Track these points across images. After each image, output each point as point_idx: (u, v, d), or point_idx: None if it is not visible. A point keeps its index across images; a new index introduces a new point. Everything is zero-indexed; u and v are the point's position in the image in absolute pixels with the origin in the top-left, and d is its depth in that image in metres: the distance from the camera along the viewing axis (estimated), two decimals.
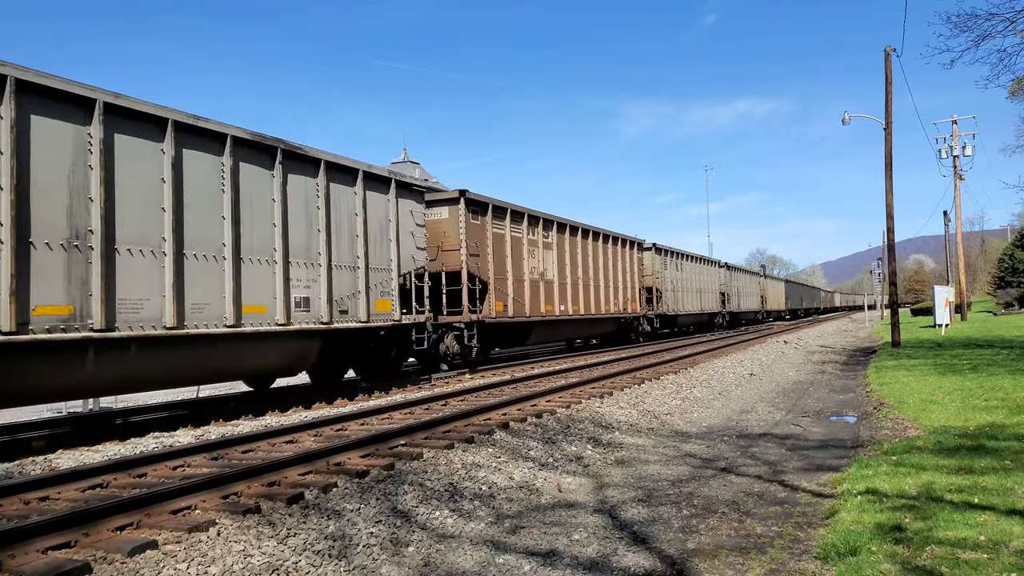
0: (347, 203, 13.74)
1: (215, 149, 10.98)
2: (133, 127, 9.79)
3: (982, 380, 12.94)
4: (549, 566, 4.90)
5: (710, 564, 4.82)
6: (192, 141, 10.56)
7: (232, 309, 10.96)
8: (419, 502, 6.24)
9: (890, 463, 7.06)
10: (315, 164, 12.97)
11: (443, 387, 15.01)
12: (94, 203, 9.15)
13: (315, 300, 12.78)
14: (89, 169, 9.14)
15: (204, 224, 10.72)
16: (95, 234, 9.12)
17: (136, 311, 9.62)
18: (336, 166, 13.45)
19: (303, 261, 12.59)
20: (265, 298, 11.70)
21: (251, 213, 11.57)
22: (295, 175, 12.50)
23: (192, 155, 10.56)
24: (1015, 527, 4.85)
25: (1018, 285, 60.90)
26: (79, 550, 4.82)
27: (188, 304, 10.33)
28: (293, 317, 12.21)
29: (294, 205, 12.43)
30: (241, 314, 11.15)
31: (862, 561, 4.45)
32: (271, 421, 11.06)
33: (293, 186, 12.44)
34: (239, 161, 11.35)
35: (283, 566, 4.74)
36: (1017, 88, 21.23)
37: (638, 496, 6.69)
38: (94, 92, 9.18)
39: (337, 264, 13.33)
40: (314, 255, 12.86)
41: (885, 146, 24.19)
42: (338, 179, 13.54)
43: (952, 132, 45.42)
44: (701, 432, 10.22)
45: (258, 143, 11.72)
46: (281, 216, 12.07)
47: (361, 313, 13.85)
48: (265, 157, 11.92)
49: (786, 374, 17.92)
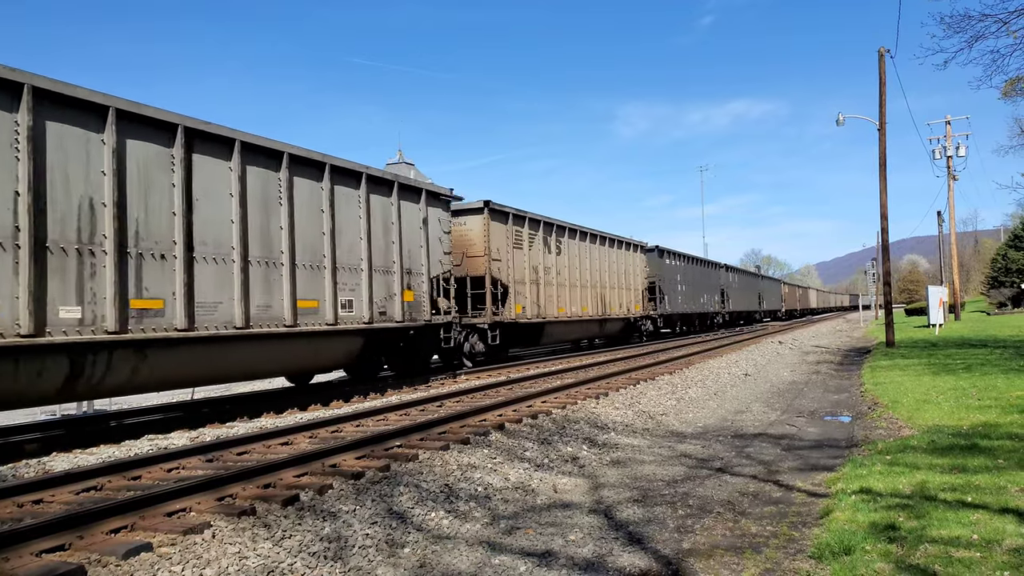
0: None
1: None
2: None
3: (976, 380, 12.99)
4: (545, 567, 4.90)
5: (705, 564, 4.83)
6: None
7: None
8: (415, 503, 6.24)
9: (884, 462, 7.08)
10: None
11: (439, 388, 15.00)
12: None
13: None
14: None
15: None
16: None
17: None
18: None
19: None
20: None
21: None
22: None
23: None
24: (1008, 525, 4.87)
25: (1011, 285, 61.15)
26: (73, 553, 4.81)
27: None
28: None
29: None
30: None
31: (856, 560, 4.47)
32: (266, 423, 11.04)
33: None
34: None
35: (278, 568, 4.73)
36: (1010, 89, 21.29)
37: (634, 496, 6.70)
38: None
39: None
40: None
41: (879, 147, 24.28)
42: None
43: (946, 133, 45.59)
44: (696, 432, 10.24)
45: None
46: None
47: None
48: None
49: (781, 374, 17.96)
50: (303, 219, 12.64)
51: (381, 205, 14.72)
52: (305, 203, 12.73)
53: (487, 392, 13.52)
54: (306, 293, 12.58)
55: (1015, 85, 20.45)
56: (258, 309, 11.53)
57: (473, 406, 11.02)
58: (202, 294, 10.62)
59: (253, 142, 11.61)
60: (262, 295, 11.66)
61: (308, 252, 12.72)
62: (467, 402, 12.16)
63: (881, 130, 24.27)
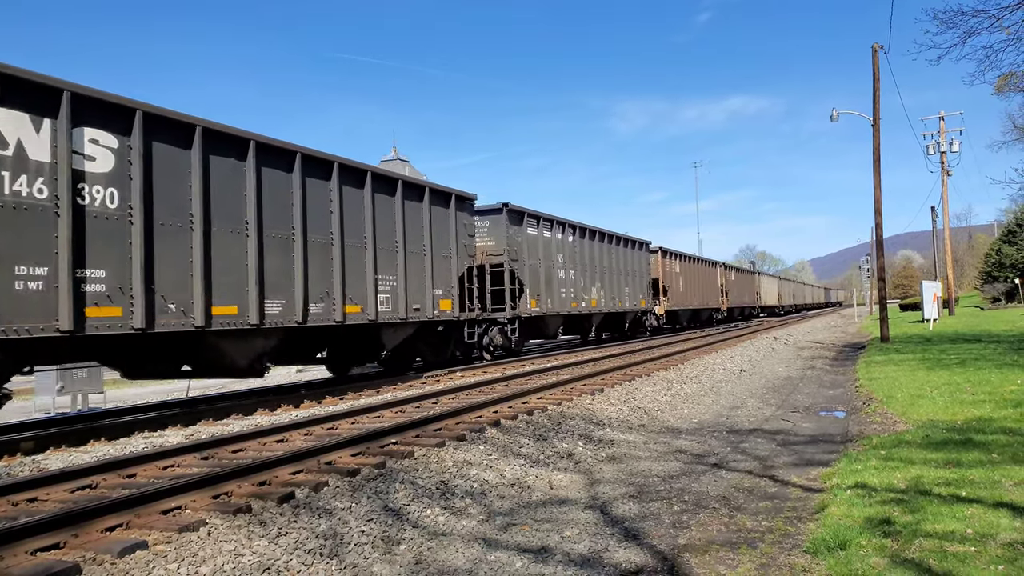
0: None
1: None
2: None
3: (970, 374, 13.03)
4: (541, 563, 4.90)
5: (701, 559, 4.84)
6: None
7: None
8: (410, 500, 6.24)
9: (879, 457, 7.10)
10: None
11: (435, 385, 14.99)
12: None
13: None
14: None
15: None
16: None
17: None
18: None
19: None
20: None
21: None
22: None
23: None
24: (1002, 520, 4.89)
25: (1005, 280, 61.35)
26: (68, 551, 4.79)
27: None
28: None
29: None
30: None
31: (851, 555, 4.48)
32: (261, 420, 11.01)
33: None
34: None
35: (274, 565, 4.73)
36: (1003, 84, 21.35)
37: (629, 492, 6.71)
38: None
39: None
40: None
41: (873, 142, 24.32)
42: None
43: (939, 128, 45.66)
44: (692, 428, 10.25)
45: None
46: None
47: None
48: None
49: (776, 370, 18.01)
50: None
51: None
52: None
53: (483, 388, 13.51)
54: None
55: (1008, 81, 20.51)
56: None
57: (468, 403, 11.01)
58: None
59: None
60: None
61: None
62: (463, 399, 12.15)
63: (875, 126, 24.31)
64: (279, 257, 12.11)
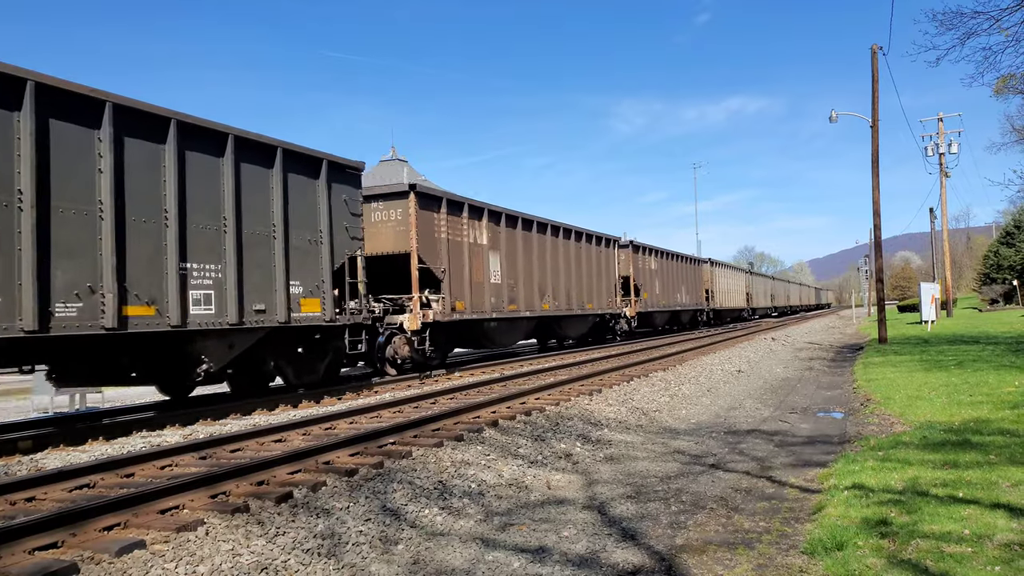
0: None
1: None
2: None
3: (967, 376, 13.05)
4: (539, 563, 4.91)
5: (699, 560, 4.84)
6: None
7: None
8: (408, 500, 6.24)
9: (876, 458, 7.11)
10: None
11: (432, 385, 14.99)
12: None
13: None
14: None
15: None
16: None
17: None
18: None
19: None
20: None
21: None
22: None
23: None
24: (999, 520, 4.90)
25: (1003, 282, 61.43)
26: (66, 550, 4.79)
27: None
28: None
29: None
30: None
31: (849, 555, 4.49)
32: (259, 420, 11.02)
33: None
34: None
35: (272, 565, 4.73)
36: (1002, 86, 21.39)
37: (627, 492, 6.71)
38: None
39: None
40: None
41: (872, 144, 24.34)
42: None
43: (938, 130, 45.74)
44: (690, 428, 10.26)
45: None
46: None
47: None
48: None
49: (774, 371, 18.02)
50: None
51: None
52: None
53: (481, 389, 13.53)
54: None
55: (1007, 82, 20.54)
56: None
57: (467, 403, 11.02)
58: None
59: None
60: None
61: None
62: (461, 399, 12.16)
63: (874, 127, 24.34)
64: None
